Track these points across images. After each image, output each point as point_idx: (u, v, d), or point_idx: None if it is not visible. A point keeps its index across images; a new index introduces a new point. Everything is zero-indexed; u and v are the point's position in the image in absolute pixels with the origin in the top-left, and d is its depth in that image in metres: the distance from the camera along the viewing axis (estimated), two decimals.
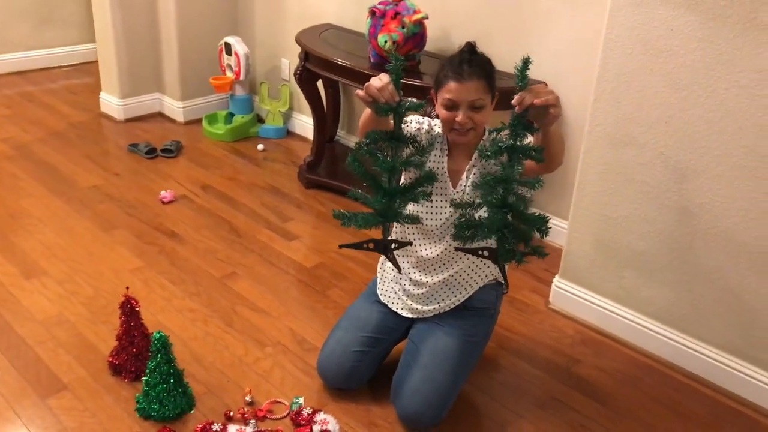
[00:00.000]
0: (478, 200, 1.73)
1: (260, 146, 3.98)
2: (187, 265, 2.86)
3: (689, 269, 2.31)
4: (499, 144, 1.64)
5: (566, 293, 2.66)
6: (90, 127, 4.18)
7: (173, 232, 3.10)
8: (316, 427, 2.05)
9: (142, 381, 2.11)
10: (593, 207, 2.49)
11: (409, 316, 2.20)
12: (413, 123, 2.09)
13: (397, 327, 2.22)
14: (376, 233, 1.78)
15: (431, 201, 2.00)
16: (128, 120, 4.26)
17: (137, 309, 2.18)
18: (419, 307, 2.17)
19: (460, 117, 1.94)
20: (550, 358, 2.45)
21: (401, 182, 1.95)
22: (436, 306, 2.15)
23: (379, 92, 1.69)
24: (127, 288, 2.24)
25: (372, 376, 2.22)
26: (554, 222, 3.13)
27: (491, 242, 1.73)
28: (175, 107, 4.30)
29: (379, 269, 2.32)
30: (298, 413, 2.10)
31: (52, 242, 2.97)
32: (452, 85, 1.92)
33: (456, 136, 1.99)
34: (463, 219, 1.73)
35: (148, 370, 2.05)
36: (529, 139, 1.79)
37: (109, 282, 2.71)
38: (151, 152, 3.81)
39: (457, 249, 1.83)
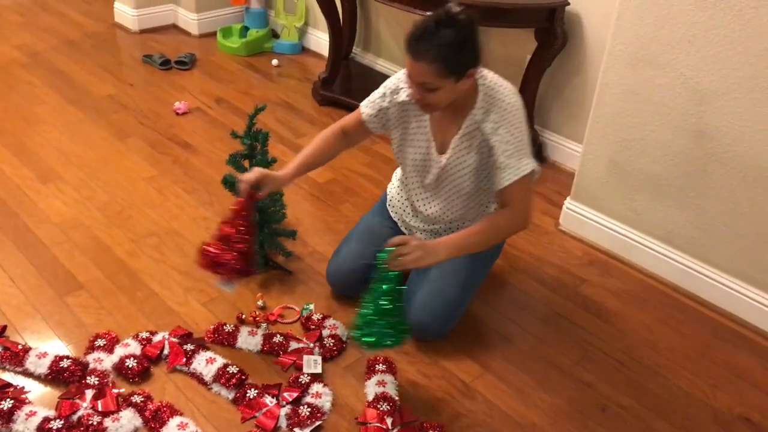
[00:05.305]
0: None
1: (275, 61, 3.94)
2: (201, 176, 2.88)
3: (702, 193, 2.30)
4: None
5: (576, 215, 2.67)
6: (104, 37, 4.14)
7: (187, 143, 3.11)
8: (325, 332, 2.10)
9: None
10: (609, 128, 2.47)
11: None
12: (369, 107, 2.03)
13: None
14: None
15: (416, 161, 2.05)
16: (142, 31, 4.21)
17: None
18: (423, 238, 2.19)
19: (411, 91, 1.86)
20: (558, 277, 2.48)
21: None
22: None
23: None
24: None
25: None
26: (568, 145, 3.13)
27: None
28: (189, 19, 4.24)
29: (388, 188, 2.33)
30: (309, 318, 2.15)
31: (67, 149, 2.99)
32: (407, 59, 1.77)
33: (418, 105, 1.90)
34: None
35: None
36: None
37: (123, 189, 2.74)
38: (166, 64, 3.78)
39: None
